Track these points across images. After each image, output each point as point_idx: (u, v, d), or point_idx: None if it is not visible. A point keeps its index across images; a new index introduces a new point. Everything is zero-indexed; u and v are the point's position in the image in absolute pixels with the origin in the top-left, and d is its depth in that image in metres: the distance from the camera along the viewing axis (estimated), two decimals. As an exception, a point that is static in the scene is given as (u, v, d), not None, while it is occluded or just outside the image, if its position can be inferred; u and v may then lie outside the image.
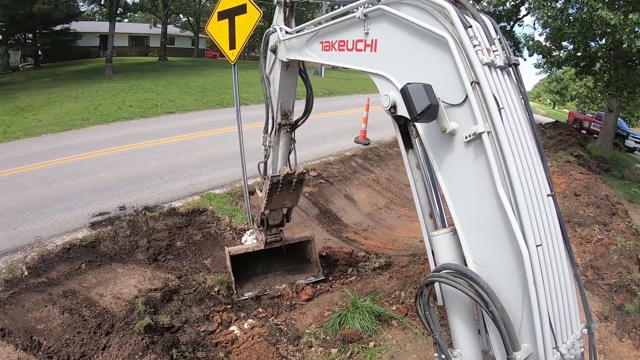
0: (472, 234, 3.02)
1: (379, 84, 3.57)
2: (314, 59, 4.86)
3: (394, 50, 3.42)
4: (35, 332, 6.37)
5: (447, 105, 2.94)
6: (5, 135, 16.91)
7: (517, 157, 2.79)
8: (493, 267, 2.89)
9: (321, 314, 7.15)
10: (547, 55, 24.66)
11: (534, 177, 2.91)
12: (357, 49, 3.85)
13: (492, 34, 3.00)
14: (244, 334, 6.61)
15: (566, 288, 3.00)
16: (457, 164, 3.02)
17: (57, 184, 10.94)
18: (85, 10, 61.00)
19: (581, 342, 3.06)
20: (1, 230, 8.77)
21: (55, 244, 8.25)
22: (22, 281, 7.35)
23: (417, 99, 2.78)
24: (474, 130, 2.77)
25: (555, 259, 2.93)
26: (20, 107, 22.76)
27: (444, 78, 2.95)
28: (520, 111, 3.01)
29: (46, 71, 43.70)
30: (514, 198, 2.71)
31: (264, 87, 6.38)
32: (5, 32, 47.65)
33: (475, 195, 2.95)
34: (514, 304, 2.79)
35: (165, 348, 6.10)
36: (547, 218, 2.93)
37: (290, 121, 6.74)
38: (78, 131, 17.41)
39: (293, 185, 6.78)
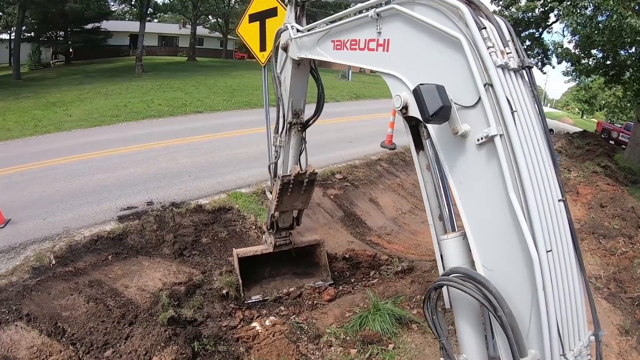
0: (482, 238, 3.03)
1: (390, 84, 3.58)
2: (326, 58, 4.85)
3: (407, 51, 3.43)
4: (60, 319, 6.66)
5: (459, 107, 2.95)
6: (36, 129, 17.57)
7: (529, 161, 2.78)
8: (502, 271, 2.90)
9: (342, 314, 7.29)
10: (575, 63, 24.49)
11: (546, 182, 2.90)
12: (369, 48, 3.87)
13: (506, 36, 3.00)
14: (265, 331, 6.78)
15: (575, 295, 3.00)
16: (469, 166, 3.02)
17: (86, 178, 11.34)
18: (116, 9, 62.47)
19: (588, 350, 3.06)
20: (31, 220, 9.16)
21: (83, 235, 8.56)
22: (49, 269, 7.66)
23: (430, 99, 2.77)
24: (487, 133, 2.78)
25: (565, 265, 2.93)
26: (51, 102, 23.52)
27: (456, 79, 2.96)
28: (533, 114, 3.00)
29: (77, 68, 45.00)
30: (525, 202, 2.71)
31: (275, 86, 6.37)
32: (37, 29, 49.25)
33: (485, 199, 2.96)
34: (522, 309, 2.80)
35: (187, 340, 6.31)
36: (558, 223, 2.92)
37: (302, 120, 6.69)
38: (108, 127, 17.99)
39: (304, 186, 6.78)
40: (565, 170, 17.38)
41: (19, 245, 8.23)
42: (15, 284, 7.19)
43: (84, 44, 53.15)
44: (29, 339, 6.28)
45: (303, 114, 6.67)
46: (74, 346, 6.32)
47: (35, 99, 25.13)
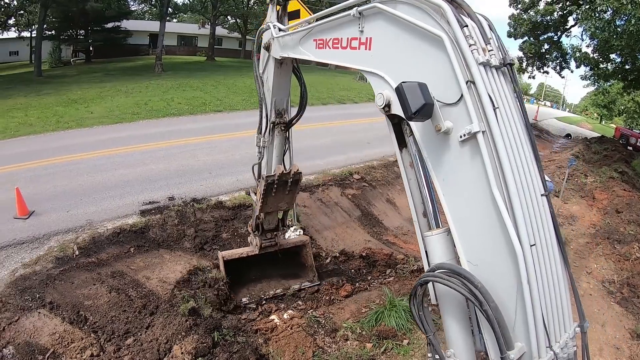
0: (466, 233, 3.06)
1: (373, 83, 3.61)
2: (308, 57, 4.88)
3: (389, 49, 3.46)
4: (83, 308, 6.92)
5: (442, 105, 2.97)
6: (58, 125, 17.95)
7: (511, 156, 2.83)
8: (487, 266, 2.93)
9: (358, 310, 7.43)
10: (594, 67, 24.35)
11: (529, 177, 2.96)
12: (352, 47, 3.89)
13: (488, 34, 3.03)
14: (284, 324, 6.95)
15: (560, 287, 3.06)
16: (452, 163, 3.05)
17: (109, 173, 11.63)
18: (136, 9, 63.27)
19: (574, 341, 3.11)
20: (54, 212, 9.46)
21: (106, 227, 8.83)
22: (72, 260, 7.94)
23: (412, 97, 2.78)
24: (469, 130, 2.81)
25: (549, 258, 2.98)
26: (72, 99, 23.96)
27: (439, 77, 2.98)
28: (515, 111, 3.06)
29: (97, 66, 45.68)
30: (509, 198, 2.76)
31: (257, 86, 6.33)
32: (58, 27, 50.06)
33: (469, 195, 2.98)
34: (507, 303, 2.84)
35: (207, 330, 6.50)
36: (541, 218, 2.98)
37: (285, 120, 6.68)
38: (129, 124, 18.30)
39: (288, 186, 6.77)
40: (582, 175, 17.39)
41: (42, 236, 8.51)
42: (39, 273, 7.46)
43: (104, 43, 54.02)
44: (51, 326, 6.52)
45: (287, 113, 6.68)
46: (95, 334, 6.56)
47: (56, 96, 25.62)
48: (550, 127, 34.39)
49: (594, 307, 8.45)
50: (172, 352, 6.16)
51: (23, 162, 12.84)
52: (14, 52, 62.49)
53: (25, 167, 12.31)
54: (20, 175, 11.51)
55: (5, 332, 6.28)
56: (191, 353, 6.08)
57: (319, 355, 6.40)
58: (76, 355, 6.16)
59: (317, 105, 26.40)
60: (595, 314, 8.27)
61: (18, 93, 27.59)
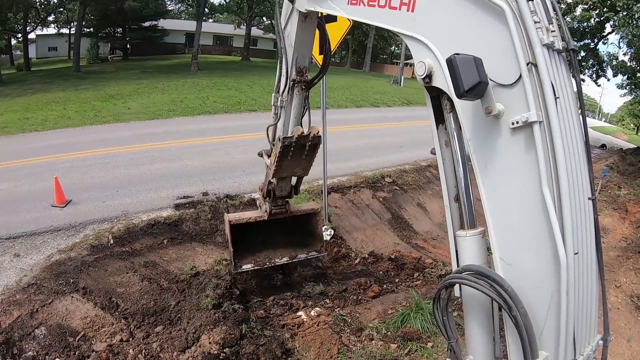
0: (503, 229, 2.85)
1: (413, 49, 3.24)
2: (338, 13, 4.36)
3: (437, 13, 3.07)
4: (115, 295, 7.22)
5: (494, 85, 2.68)
6: (96, 119, 18.64)
7: (567, 154, 2.60)
8: (521, 268, 2.76)
9: (385, 311, 7.54)
10: (631, 76, 23.88)
11: (580, 178, 2.74)
12: (391, 6, 3.43)
13: (551, 12, 2.72)
14: (310, 320, 7.11)
15: (591, 298, 2.90)
16: (498, 151, 2.80)
17: (145, 167, 12.03)
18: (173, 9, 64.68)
19: (595, 354, 2.98)
20: (91, 202, 9.85)
21: (140, 219, 9.14)
22: (107, 248, 8.25)
23: (466, 73, 2.51)
24: (525, 118, 2.55)
25: (587, 267, 2.81)
26: (110, 95, 24.74)
27: (494, 53, 2.69)
28: (573, 103, 2.81)
29: (134, 63, 47.01)
30: (559, 199, 2.55)
31: (278, 40, 5.82)
32: (96, 25, 51.83)
33: (513, 188, 2.76)
34: (538, 309, 2.69)
35: (236, 322, 6.71)
36: (586, 224, 2.79)
37: (306, 78, 6.18)
38: (165, 121, 18.85)
39: (306, 150, 6.25)
40: (615, 187, 17.12)
41: (79, 224, 8.88)
42: (74, 259, 7.80)
43: (141, 41, 55.71)
44: (83, 310, 6.84)
45: (307, 71, 6.22)
46: (125, 320, 6.84)
47: (94, 91, 26.50)
48: (585, 136, 33.73)
49: (620, 322, 8.36)
50: (200, 342, 6.36)
51: (61, 153, 13.43)
52: (53, 48, 65.08)
53: (64, 158, 12.87)
54: (59, 166, 12.02)
55: (38, 314, 6.59)
56: (219, 343, 6.27)
57: (343, 353, 6.52)
58: (106, 339, 6.43)
59: (351, 107, 26.60)
60: (622, 328, 8.19)
61: (57, 87, 28.69)
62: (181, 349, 6.29)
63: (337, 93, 29.98)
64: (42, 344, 6.26)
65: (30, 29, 51.83)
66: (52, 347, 6.24)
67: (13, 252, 7.90)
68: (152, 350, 6.23)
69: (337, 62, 71.06)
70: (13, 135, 16.80)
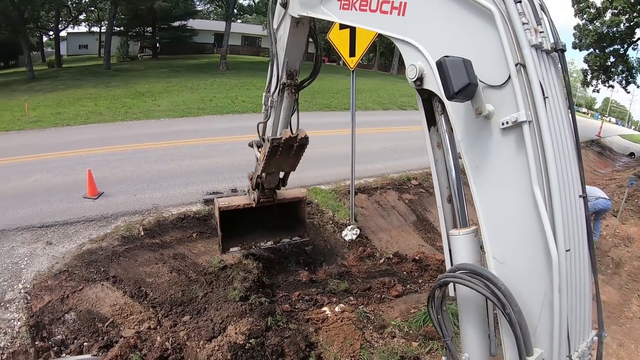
0: (496, 228, 2.91)
1: (404, 52, 3.30)
2: (330, 18, 4.46)
3: (427, 17, 3.15)
4: (144, 284, 7.51)
5: (485, 86, 2.75)
6: (127, 115, 19.15)
7: (557, 153, 2.66)
8: (514, 266, 2.81)
9: (407, 310, 7.65)
10: None
11: (570, 177, 2.80)
12: (382, 10, 3.51)
13: (539, 13, 2.79)
14: (334, 316, 7.26)
15: (585, 295, 2.95)
16: (489, 151, 2.86)
17: (175, 162, 12.35)
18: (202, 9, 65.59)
19: (590, 350, 3.03)
20: (122, 195, 10.21)
21: (170, 212, 9.43)
22: (137, 239, 8.55)
23: (455, 75, 2.57)
24: (515, 118, 2.61)
25: (579, 264, 2.86)
26: (140, 92, 25.32)
27: (484, 55, 2.75)
28: (562, 103, 2.87)
29: (163, 62, 47.88)
30: (549, 197, 2.61)
31: (270, 42, 5.94)
32: (127, 24, 52.93)
33: (504, 187, 2.81)
34: (532, 307, 2.73)
35: (262, 315, 6.90)
36: (577, 221, 2.83)
37: (296, 82, 6.36)
38: (194, 119, 19.25)
39: (293, 150, 6.61)
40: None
41: (110, 216, 9.20)
42: (105, 248, 8.12)
43: (170, 40, 56.76)
44: (112, 298, 7.13)
45: (298, 75, 6.39)
46: (154, 309, 7.11)
47: (124, 88, 27.13)
48: (614, 144, 33.00)
49: (640, 331, 8.37)
50: (227, 332, 6.55)
51: (93, 147, 13.90)
52: (84, 46, 66.72)
53: (95, 152, 13.32)
54: (91, 159, 12.44)
55: (68, 299, 6.90)
56: (245, 334, 6.46)
57: (365, 348, 6.66)
58: (134, 326, 6.69)
59: (377, 110, 26.72)
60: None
61: (88, 84, 29.43)
62: (207, 338, 6.49)
63: (364, 95, 30.15)
64: (71, 328, 6.55)
65: (62, 27, 53.44)
66: (81, 331, 6.53)
67: (45, 240, 8.25)
68: (179, 338, 6.44)
69: (364, 64, 71.18)
70: (46, 129, 17.41)
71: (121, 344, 6.14)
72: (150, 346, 6.18)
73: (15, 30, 37.37)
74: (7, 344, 6.15)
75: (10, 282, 7.12)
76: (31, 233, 8.49)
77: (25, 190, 10.43)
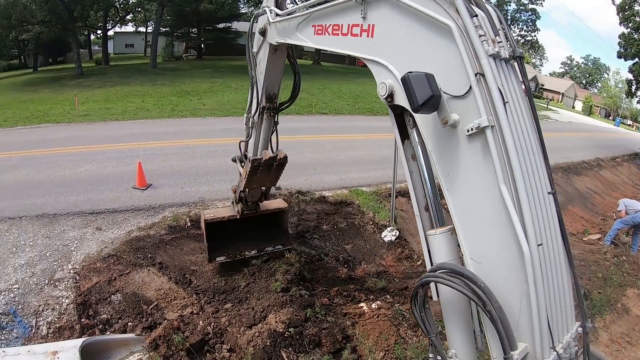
0: (470, 230, 3.06)
1: (375, 72, 3.56)
2: (305, 43, 4.82)
3: (393, 37, 3.40)
4: (188, 272, 7.94)
5: (449, 97, 2.94)
6: (173, 113, 19.88)
7: (520, 153, 2.83)
8: (491, 264, 2.94)
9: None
10: None
11: (537, 174, 2.97)
12: (353, 33, 3.81)
13: (497, 25, 3.01)
14: (371, 311, 7.51)
15: (564, 287, 3.09)
16: (457, 157, 3.03)
17: (220, 159, 12.81)
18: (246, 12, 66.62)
19: (576, 342, 3.15)
20: (170, 187, 10.74)
21: (216, 206, 9.86)
22: (184, 230, 9.01)
23: (419, 88, 2.77)
24: (477, 124, 2.79)
25: (554, 258, 3.01)
26: (185, 91, 26.12)
27: (446, 68, 2.96)
28: (524, 106, 3.07)
29: (208, 62, 49.10)
30: (516, 195, 2.76)
31: (249, 67, 6.31)
32: (172, 25, 54.34)
33: (475, 190, 2.98)
34: (511, 302, 2.85)
35: (301, 306, 7.21)
36: (548, 216, 3.00)
37: (275, 105, 6.83)
38: (239, 118, 19.20)
39: (273, 168, 6.93)
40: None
41: (158, 206, 9.70)
42: (153, 236, 8.60)
43: (214, 41, 57.98)
44: (158, 283, 7.58)
45: (277, 98, 6.84)
46: (197, 295, 7.51)
47: (170, 87, 27.99)
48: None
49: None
50: (267, 320, 6.92)
51: (141, 141, 14.54)
52: (130, 45, 69.00)
53: (143, 146, 13.94)
54: (139, 153, 13.03)
55: (115, 282, 7.38)
56: (285, 323, 6.80)
57: (400, 344, 6.86)
58: (177, 310, 7.08)
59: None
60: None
61: (135, 81, 30.46)
62: (248, 325, 6.87)
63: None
64: (116, 308, 7.01)
65: (110, 26, 55.36)
66: (126, 312, 6.98)
67: (95, 226, 8.80)
68: (221, 324, 6.83)
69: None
70: (95, 123, 18.23)
71: (165, 325, 6.52)
72: (193, 329, 6.54)
73: (65, 28, 38.82)
74: (55, 319, 6.63)
75: (60, 262, 7.65)
76: (81, 218, 9.04)
77: (76, 178, 11.08)
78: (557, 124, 37.58)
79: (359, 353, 6.68)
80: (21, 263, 7.49)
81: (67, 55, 58.78)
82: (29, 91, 29.55)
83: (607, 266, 10.74)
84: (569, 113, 57.84)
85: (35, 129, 17.29)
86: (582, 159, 21.13)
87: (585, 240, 13.07)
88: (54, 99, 24.90)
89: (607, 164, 22.65)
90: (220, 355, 6.35)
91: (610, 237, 12.52)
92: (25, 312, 6.60)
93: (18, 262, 7.50)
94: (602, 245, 12.43)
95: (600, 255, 11.41)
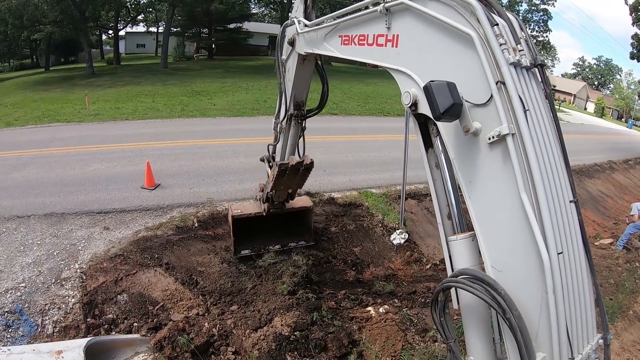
0: (492, 238, 3.06)
1: (399, 81, 3.63)
2: (333, 53, 4.92)
3: (417, 47, 3.47)
4: (195, 273, 7.93)
5: (470, 105, 2.98)
6: (183, 113, 19.95)
7: (541, 161, 2.85)
8: (512, 273, 2.93)
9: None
10: None
11: (558, 183, 2.97)
12: (378, 43, 3.91)
13: (518, 33, 3.03)
14: (378, 316, 7.47)
15: (585, 297, 3.05)
16: (479, 165, 3.06)
17: (230, 159, 12.86)
18: (257, 12, 66.86)
19: (597, 353, 3.12)
20: (178, 187, 10.75)
21: (224, 206, 9.84)
22: (191, 230, 8.99)
23: (441, 97, 2.82)
24: (498, 132, 2.82)
25: (576, 267, 2.98)
26: (196, 91, 26.21)
27: (468, 77, 3.00)
28: (546, 114, 3.07)
29: (218, 63, 49.20)
30: (537, 203, 2.77)
31: (278, 74, 6.56)
32: (183, 25, 54.60)
33: (496, 198, 3.00)
34: (531, 311, 2.83)
35: (308, 310, 7.21)
36: (569, 225, 2.98)
37: (303, 112, 6.99)
38: (249, 118, 19.81)
39: (300, 172, 7.15)
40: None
41: (166, 206, 9.71)
42: (160, 237, 8.59)
43: (225, 42, 58.09)
44: (164, 283, 7.58)
45: (305, 105, 6.99)
46: (203, 297, 7.51)
47: (181, 87, 28.13)
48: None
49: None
50: (273, 323, 6.91)
51: (150, 141, 14.59)
52: (141, 45, 69.45)
53: (153, 146, 13.99)
54: (148, 153, 13.08)
55: (122, 282, 7.38)
56: (290, 326, 6.80)
57: (407, 350, 6.82)
58: (183, 311, 7.08)
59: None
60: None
61: (145, 81, 30.63)
62: (254, 328, 6.87)
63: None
64: (122, 308, 7.02)
65: (121, 26, 55.76)
66: (132, 312, 6.99)
67: (103, 225, 8.81)
68: (226, 325, 6.84)
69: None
70: (105, 122, 18.35)
71: (170, 326, 6.56)
72: (198, 331, 6.58)
73: (77, 28, 39.07)
74: (60, 318, 6.64)
75: (67, 261, 7.66)
76: (89, 218, 9.07)
77: (85, 177, 11.13)
78: (569, 126, 37.20)
79: (365, 358, 6.67)
80: (28, 262, 7.52)
81: (78, 55, 59.15)
82: (40, 90, 29.77)
83: (619, 272, 10.65)
84: (581, 115, 57.38)
85: (46, 127, 17.47)
86: (594, 162, 20.92)
87: (597, 245, 12.90)
88: (65, 98, 25.10)
89: (619, 166, 22.41)
90: (225, 357, 6.38)
91: (623, 242, 12.37)
92: (32, 310, 6.61)
93: (25, 261, 7.53)
94: (614, 250, 12.29)
95: (612, 261, 11.33)
